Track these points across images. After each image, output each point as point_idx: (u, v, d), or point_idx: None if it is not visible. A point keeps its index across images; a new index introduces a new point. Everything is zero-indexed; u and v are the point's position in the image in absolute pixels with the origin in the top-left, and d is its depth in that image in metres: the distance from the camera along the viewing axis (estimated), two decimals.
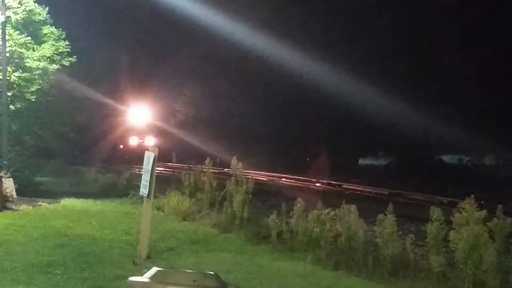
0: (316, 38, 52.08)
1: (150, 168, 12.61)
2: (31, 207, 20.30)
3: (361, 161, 56.45)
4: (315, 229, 13.50)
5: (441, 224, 10.87)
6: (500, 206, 10.27)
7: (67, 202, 22.39)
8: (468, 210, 10.34)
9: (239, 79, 59.18)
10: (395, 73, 48.94)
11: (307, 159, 55.47)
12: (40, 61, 25.28)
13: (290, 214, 14.67)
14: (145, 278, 3.81)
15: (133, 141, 69.93)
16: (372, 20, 52.45)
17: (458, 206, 10.65)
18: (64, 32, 27.22)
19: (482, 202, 11.19)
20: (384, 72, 48.39)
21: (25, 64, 25.04)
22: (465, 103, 46.06)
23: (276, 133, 58.57)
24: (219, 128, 62.39)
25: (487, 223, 10.21)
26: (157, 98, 67.14)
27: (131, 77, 65.49)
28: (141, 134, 69.48)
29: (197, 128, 64.33)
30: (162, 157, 20.90)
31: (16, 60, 24.99)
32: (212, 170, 20.90)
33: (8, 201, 20.52)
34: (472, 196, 10.49)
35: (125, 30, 67.48)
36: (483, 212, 10.30)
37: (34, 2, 26.78)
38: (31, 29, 26.41)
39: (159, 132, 69.20)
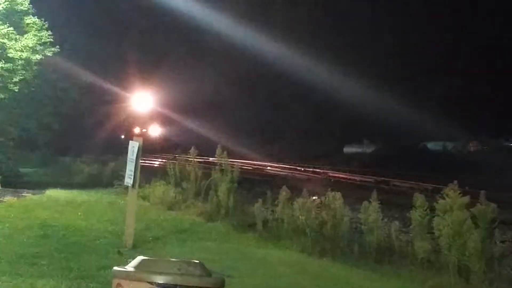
0: (300, 28, 52.08)
1: (134, 158, 12.57)
2: (15, 198, 20.20)
3: (346, 149, 56.52)
4: (300, 217, 13.54)
5: (425, 211, 10.93)
6: (483, 192, 10.33)
7: (52, 193, 22.32)
8: (452, 196, 10.40)
9: (225, 67, 58.79)
10: (380, 61, 49.05)
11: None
12: (22, 51, 25.11)
13: (276, 202, 14.71)
14: (130, 267, 3.80)
15: (135, 131, 67.05)
16: (353, 8, 52.51)
17: (442, 192, 10.71)
18: (46, 22, 27.02)
19: (466, 188, 11.26)
20: (368, 61, 48.48)
21: (8, 54, 24.86)
22: (449, 90, 46.26)
23: (263, 122, 58.36)
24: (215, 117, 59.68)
25: (471, 209, 10.28)
26: (162, 85, 61.55)
27: (132, 63, 61.55)
28: (144, 123, 64.96)
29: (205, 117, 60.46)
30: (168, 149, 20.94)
31: None
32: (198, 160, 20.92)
33: None
34: (456, 182, 10.55)
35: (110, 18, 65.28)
36: (467, 198, 10.37)
37: None
38: (13, 19, 26.19)
39: (166, 121, 65.03)
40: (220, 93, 57.55)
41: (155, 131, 63.39)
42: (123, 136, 63.79)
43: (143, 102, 61.89)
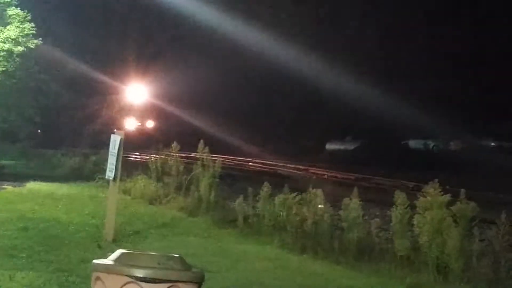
0: (284, 22, 52.07)
1: (116, 151, 12.55)
2: None
3: (328, 146, 56.61)
4: (281, 213, 13.57)
5: (406, 208, 10.99)
6: (463, 190, 10.39)
7: (33, 185, 22.24)
8: (432, 195, 10.46)
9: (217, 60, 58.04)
10: (362, 57, 49.15)
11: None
12: (5, 43, 25.00)
13: (257, 198, 14.73)
14: (109, 260, 3.79)
15: (130, 125, 59.77)
16: (340, 1, 52.60)
17: (422, 190, 10.77)
18: (29, 14, 26.87)
19: (447, 186, 11.32)
20: (351, 57, 48.56)
21: None
22: (431, 88, 46.47)
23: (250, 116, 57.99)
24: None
25: (451, 207, 10.34)
26: (158, 77, 58.51)
27: (127, 56, 59.58)
28: (140, 116, 61.76)
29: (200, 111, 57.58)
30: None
31: None
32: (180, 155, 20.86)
33: None
34: (436, 180, 10.61)
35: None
36: (447, 197, 10.43)
37: None
38: None
39: (161, 115, 61.89)
40: (210, 86, 56.46)
41: (150, 124, 61.28)
42: (115, 130, 61.78)
43: (137, 94, 58.69)
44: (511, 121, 43.37)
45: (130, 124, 58.18)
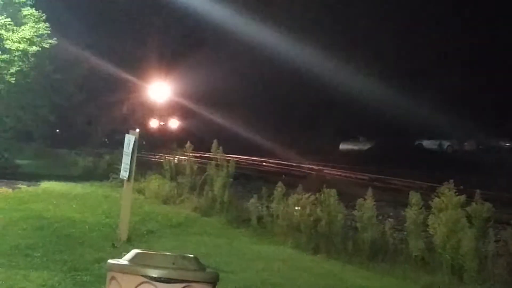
0: (295, 20, 52.01)
1: (130, 151, 12.58)
2: (10, 189, 20.16)
3: (341, 146, 56.53)
4: (295, 213, 13.55)
5: (420, 209, 10.96)
6: (478, 191, 10.35)
7: (47, 185, 22.29)
8: (447, 195, 10.43)
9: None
10: (376, 58, 49.04)
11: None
12: (20, 43, 25.08)
13: (271, 198, 14.73)
14: (124, 260, 3.80)
15: (152, 124, 57.89)
16: (352, 4, 52.50)
17: (437, 191, 10.74)
18: (44, 14, 26.96)
19: (461, 187, 11.28)
20: (365, 56, 48.46)
21: (5, 45, 24.85)
22: (445, 88, 46.32)
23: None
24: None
25: (466, 208, 10.30)
26: (181, 75, 55.95)
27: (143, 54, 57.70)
28: (163, 115, 58.78)
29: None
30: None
31: None
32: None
33: None
34: (451, 181, 10.58)
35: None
36: (462, 197, 10.40)
37: None
38: (11, 10, 26.15)
39: (186, 113, 58.74)
40: (234, 84, 55.11)
41: (174, 123, 58.30)
42: (137, 130, 57.74)
43: (160, 92, 57.34)
44: None
45: (153, 123, 56.70)
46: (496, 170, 31.91)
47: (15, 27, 25.63)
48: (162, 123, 57.64)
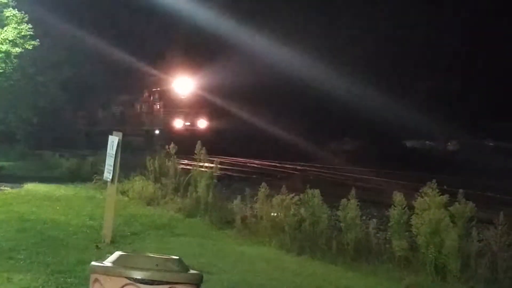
0: (281, 22, 51.91)
1: (114, 152, 12.56)
2: None
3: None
4: (279, 214, 13.57)
5: (404, 209, 11.00)
6: (461, 190, 10.41)
7: (31, 186, 22.17)
8: (430, 195, 10.48)
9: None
10: (359, 57, 49.11)
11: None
12: (2, 44, 24.99)
13: (255, 199, 14.74)
14: (107, 262, 3.80)
15: (177, 124, 49.49)
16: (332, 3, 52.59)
17: (420, 190, 10.79)
18: (27, 15, 26.84)
19: (444, 186, 11.34)
20: (347, 57, 48.48)
21: None
22: (428, 88, 46.53)
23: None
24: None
25: (449, 208, 10.36)
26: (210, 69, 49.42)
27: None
28: (189, 114, 49.94)
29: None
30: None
31: None
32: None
33: None
34: (434, 180, 10.63)
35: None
36: (445, 197, 10.46)
37: None
38: None
39: (216, 112, 50.62)
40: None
41: (202, 123, 49.85)
42: (157, 132, 50.36)
43: (185, 88, 49.03)
44: (509, 121, 43.39)
45: (178, 123, 49.20)
46: (479, 169, 32.06)
47: None
48: (188, 123, 49.62)
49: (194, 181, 17.87)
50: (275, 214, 13.61)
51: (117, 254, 3.85)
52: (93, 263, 3.86)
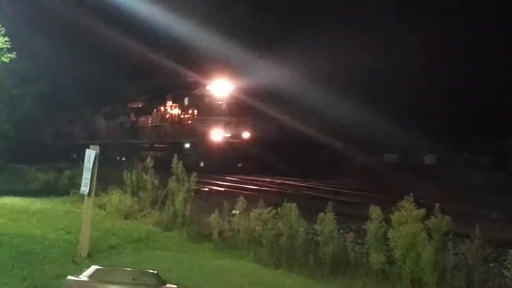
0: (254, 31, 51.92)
1: (91, 166, 12.53)
2: None
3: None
4: (256, 227, 13.57)
5: (381, 222, 11.04)
6: (437, 204, 10.47)
7: (7, 200, 22.04)
8: (407, 209, 10.53)
9: None
10: (337, 72, 49.24)
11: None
12: None
13: (232, 213, 14.74)
14: (83, 276, 3.80)
15: (216, 136, 42.52)
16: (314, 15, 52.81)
17: (397, 204, 10.83)
18: (3, 28, 26.70)
19: (421, 200, 11.38)
20: (323, 71, 48.55)
21: None
22: (404, 102, 46.79)
23: None
24: None
25: (425, 221, 10.42)
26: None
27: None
28: (230, 124, 43.04)
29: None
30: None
31: None
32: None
33: None
34: (411, 194, 10.69)
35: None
36: (422, 211, 10.51)
37: None
38: None
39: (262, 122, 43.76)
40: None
41: (246, 135, 43.39)
42: (188, 145, 43.71)
43: (222, 92, 42.78)
44: (486, 135, 43.76)
45: (216, 135, 42.35)
46: (456, 183, 32.27)
47: None
48: (228, 135, 42.90)
49: (172, 194, 17.84)
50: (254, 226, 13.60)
51: (93, 268, 3.85)
52: (69, 277, 3.86)
